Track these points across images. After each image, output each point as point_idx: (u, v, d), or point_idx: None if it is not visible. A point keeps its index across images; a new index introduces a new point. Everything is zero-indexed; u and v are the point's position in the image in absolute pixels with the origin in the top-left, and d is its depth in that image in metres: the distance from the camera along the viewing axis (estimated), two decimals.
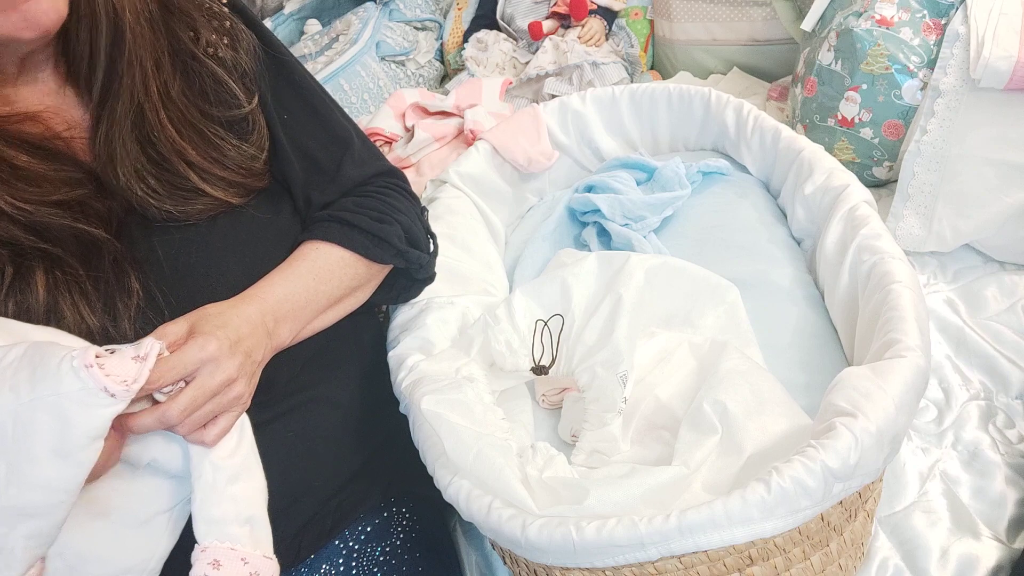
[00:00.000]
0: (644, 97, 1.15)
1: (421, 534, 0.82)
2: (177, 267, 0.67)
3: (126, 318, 0.64)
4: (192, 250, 0.68)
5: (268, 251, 0.73)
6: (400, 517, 0.82)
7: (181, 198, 0.67)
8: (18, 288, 0.60)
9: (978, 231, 1.12)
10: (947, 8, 1.15)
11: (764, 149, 1.04)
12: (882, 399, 0.61)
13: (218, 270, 0.68)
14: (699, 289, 0.84)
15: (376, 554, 0.78)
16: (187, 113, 0.69)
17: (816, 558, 0.66)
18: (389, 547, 0.79)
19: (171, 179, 0.67)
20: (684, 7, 1.63)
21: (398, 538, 0.80)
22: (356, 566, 0.77)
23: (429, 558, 0.81)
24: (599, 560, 0.59)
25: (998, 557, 0.80)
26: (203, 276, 0.68)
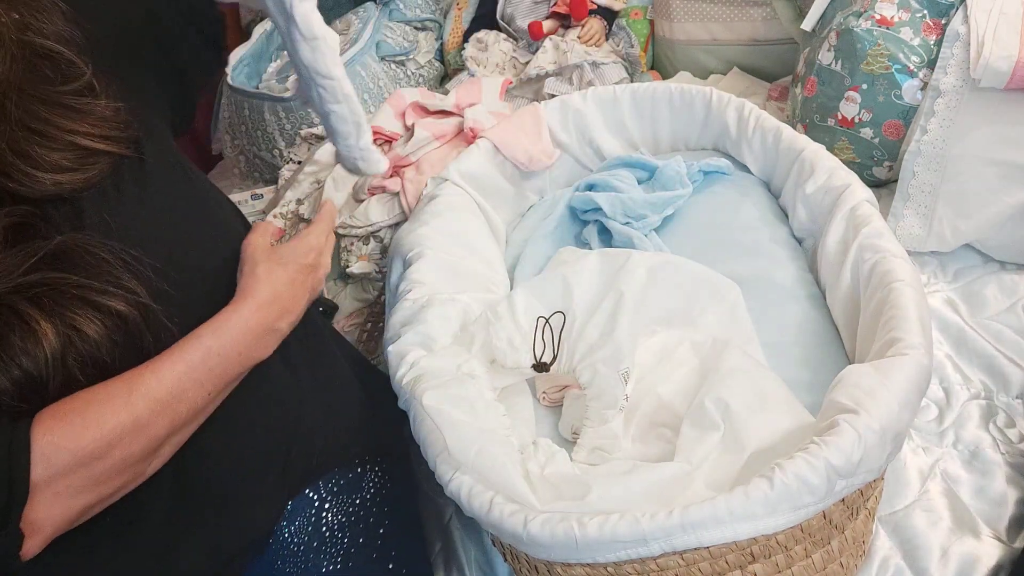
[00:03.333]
0: (645, 96, 1.15)
1: (390, 493, 0.84)
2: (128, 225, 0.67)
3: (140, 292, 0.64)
4: (120, 209, 0.67)
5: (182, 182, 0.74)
6: (372, 475, 0.84)
7: (83, 167, 0.66)
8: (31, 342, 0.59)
9: (978, 231, 1.12)
10: (947, 8, 1.16)
11: (765, 148, 1.04)
12: (885, 396, 0.61)
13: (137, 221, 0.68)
14: (700, 287, 0.84)
15: (346, 507, 0.80)
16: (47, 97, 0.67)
17: (818, 556, 0.66)
18: (359, 500, 0.82)
19: (67, 155, 0.66)
20: (684, 7, 1.63)
21: (368, 493, 0.83)
22: (326, 517, 0.79)
23: (394, 518, 0.83)
24: (601, 556, 0.59)
25: (999, 556, 0.80)
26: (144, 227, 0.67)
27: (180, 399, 0.62)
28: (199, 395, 0.63)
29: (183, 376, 0.62)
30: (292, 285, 0.71)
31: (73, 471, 0.57)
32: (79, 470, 0.57)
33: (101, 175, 0.67)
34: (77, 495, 0.57)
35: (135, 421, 0.59)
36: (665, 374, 0.77)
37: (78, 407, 0.58)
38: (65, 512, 0.57)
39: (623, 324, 0.78)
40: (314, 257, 0.75)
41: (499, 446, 0.68)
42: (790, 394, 0.72)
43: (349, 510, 0.80)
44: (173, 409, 0.62)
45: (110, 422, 0.58)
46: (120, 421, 0.58)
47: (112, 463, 0.58)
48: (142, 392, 0.60)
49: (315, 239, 0.76)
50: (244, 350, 0.66)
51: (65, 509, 0.57)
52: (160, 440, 0.61)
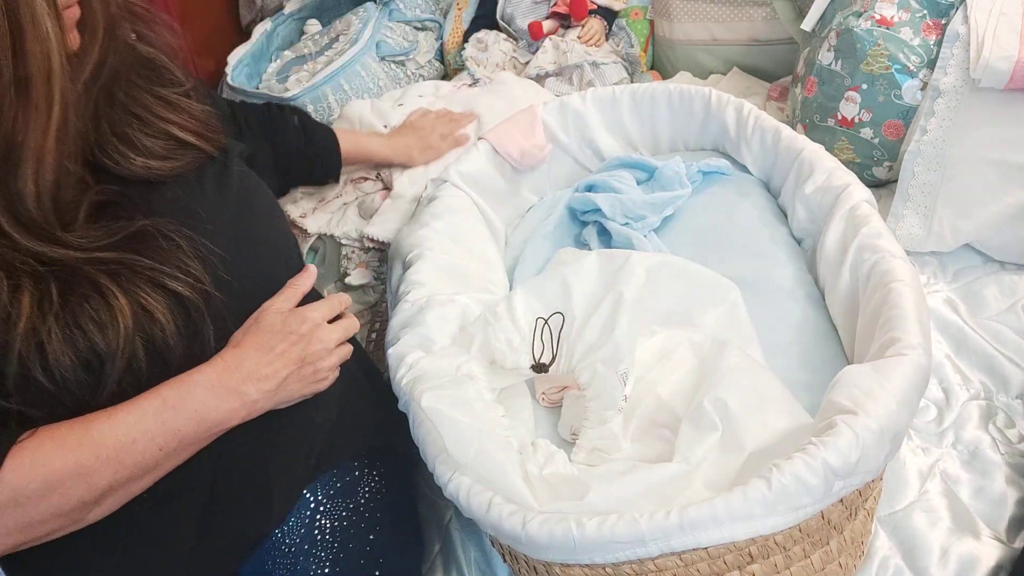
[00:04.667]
0: (644, 97, 1.15)
1: (384, 499, 0.84)
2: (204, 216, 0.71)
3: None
4: (200, 201, 0.72)
5: (255, 189, 0.80)
6: (369, 479, 0.84)
7: (174, 156, 0.72)
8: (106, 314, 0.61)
9: (978, 231, 1.12)
10: (947, 8, 1.15)
11: (764, 149, 1.04)
12: (883, 397, 0.61)
13: (214, 214, 0.72)
14: (700, 288, 0.84)
15: (339, 510, 0.80)
16: (150, 89, 0.74)
17: (816, 556, 0.66)
18: (353, 504, 0.81)
19: (160, 142, 0.72)
20: (684, 7, 1.63)
21: (363, 498, 0.83)
22: (319, 520, 0.79)
23: (386, 524, 0.83)
24: (599, 556, 0.59)
25: (998, 557, 0.80)
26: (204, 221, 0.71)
27: (128, 450, 0.61)
28: (149, 448, 0.63)
29: (133, 426, 0.62)
30: (267, 351, 0.69)
31: (7, 511, 0.57)
32: (13, 511, 0.57)
33: (188, 167, 0.73)
34: (5, 537, 0.58)
35: (78, 467, 0.59)
36: (664, 374, 0.77)
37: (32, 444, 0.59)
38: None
39: (622, 324, 0.78)
40: (308, 328, 0.72)
41: (498, 447, 0.68)
42: (789, 394, 0.72)
43: (343, 514, 0.81)
44: (119, 459, 0.61)
45: (55, 464, 0.58)
46: (64, 465, 0.59)
47: (48, 507, 0.59)
48: (91, 437, 0.60)
49: (315, 313, 0.74)
50: (200, 407, 0.65)
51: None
52: (101, 491, 0.61)
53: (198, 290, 0.66)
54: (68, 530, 0.62)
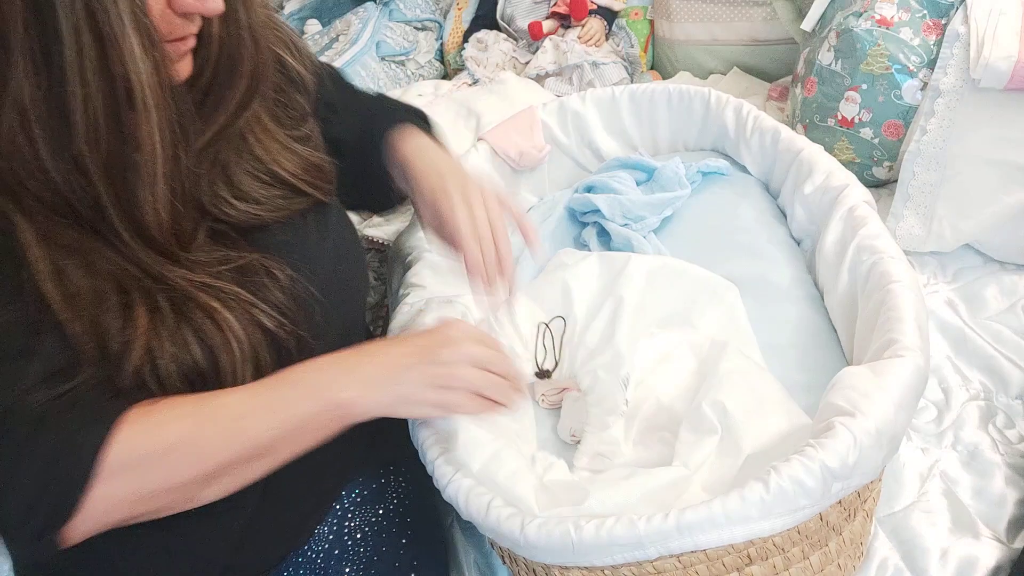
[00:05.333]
0: (644, 97, 1.15)
1: (413, 504, 0.84)
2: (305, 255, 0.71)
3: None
4: (303, 240, 0.72)
5: (349, 236, 0.79)
6: (396, 485, 0.84)
7: (285, 204, 0.71)
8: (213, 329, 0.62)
9: (978, 231, 1.12)
10: (947, 8, 1.15)
11: (764, 149, 1.04)
12: (881, 399, 0.61)
13: (313, 257, 0.72)
14: (699, 289, 0.84)
15: (368, 516, 0.80)
16: (276, 134, 0.72)
17: (815, 558, 0.66)
18: (383, 510, 0.81)
19: (276, 192, 0.71)
20: (684, 7, 1.63)
21: (391, 504, 0.82)
22: (349, 526, 0.79)
23: (417, 528, 0.82)
24: (598, 559, 0.59)
25: (998, 557, 0.80)
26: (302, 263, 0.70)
27: (243, 423, 0.60)
28: (265, 423, 0.60)
29: (250, 399, 0.61)
30: (401, 343, 0.67)
31: (121, 476, 0.56)
32: (127, 476, 0.56)
33: (294, 213, 0.72)
34: (118, 508, 0.57)
35: (192, 434, 0.58)
36: (664, 377, 0.77)
37: (148, 409, 0.58)
38: (100, 523, 0.57)
39: (623, 329, 0.78)
40: (455, 334, 0.67)
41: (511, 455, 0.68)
42: (787, 396, 0.72)
43: (372, 520, 0.80)
44: (233, 432, 0.59)
45: (169, 428, 0.57)
46: (178, 430, 0.58)
47: (161, 476, 0.57)
48: (208, 406, 0.59)
49: (455, 331, 0.68)
50: (317, 383, 0.63)
51: (102, 521, 0.57)
52: (215, 465, 0.59)
53: (290, 331, 0.66)
54: (179, 508, 0.60)
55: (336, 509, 0.80)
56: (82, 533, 0.56)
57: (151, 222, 0.59)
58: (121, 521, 0.58)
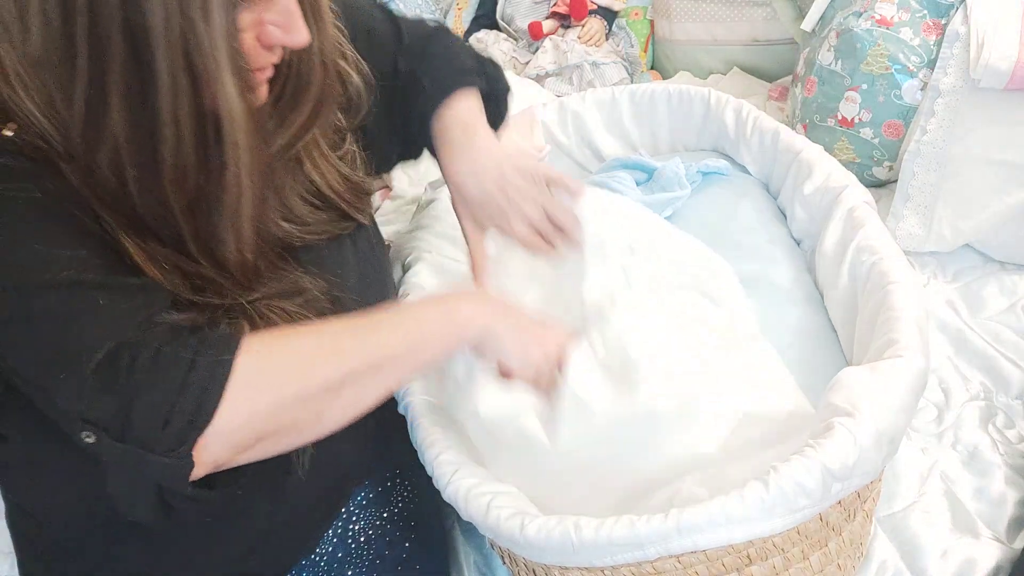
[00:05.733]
0: (644, 98, 1.15)
1: (418, 509, 0.83)
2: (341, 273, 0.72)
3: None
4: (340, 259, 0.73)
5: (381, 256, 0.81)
6: (402, 489, 0.84)
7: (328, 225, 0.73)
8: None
9: (978, 231, 1.12)
10: (947, 8, 1.15)
11: (763, 149, 1.04)
12: (881, 399, 0.61)
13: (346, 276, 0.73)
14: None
15: (373, 520, 0.80)
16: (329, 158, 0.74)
17: (815, 558, 0.66)
18: (387, 514, 0.81)
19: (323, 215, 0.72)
20: (684, 7, 1.63)
21: (396, 507, 0.82)
22: (353, 529, 0.79)
23: (420, 533, 0.83)
24: (597, 559, 0.59)
25: (998, 557, 0.80)
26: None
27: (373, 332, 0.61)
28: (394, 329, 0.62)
29: (374, 315, 0.62)
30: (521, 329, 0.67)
31: (261, 389, 0.56)
32: (266, 388, 0.56)
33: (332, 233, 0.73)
34: (252, 420, 0.56)
35: (325, 345, 0.59)
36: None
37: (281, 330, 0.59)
38: (235, 439, 0.55)
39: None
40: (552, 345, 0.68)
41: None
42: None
43: (377, 523, 0.80)
44: (364, 340, 0.60)
45: (305, 342, 0.58)
46: (313, 343, 0.58)
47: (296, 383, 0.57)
48: (337, 325, 0.61)
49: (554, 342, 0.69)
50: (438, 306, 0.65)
51: (237, 436, 0.55)
52: (346, 374, 0.59)
53: None
54: (307, 431, 0.60)
55: (342, 512, 0.80)
56: (216, 455, 0.54)
57: (232, 260, 0.60)
58: (254, 439, 0.56)
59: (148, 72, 0.51)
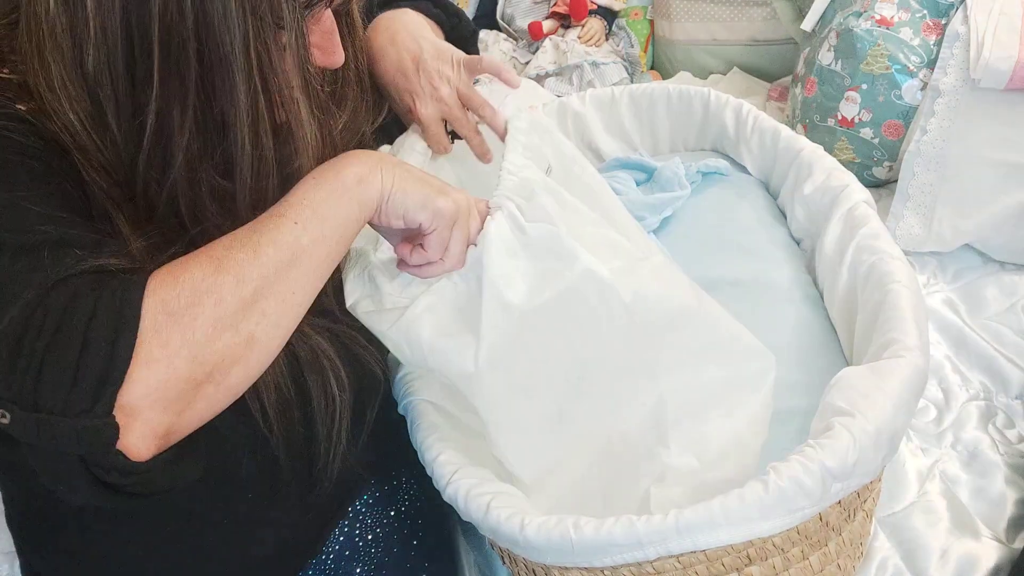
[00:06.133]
0: (644, 97, 1.15)
1: (424, 507, 0.83)
2: None
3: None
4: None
5: None
6: (408, 488, 0.84)
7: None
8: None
9: (978, 231, 1.12)
10: (947, 8, 1.15)
11: (763, 149, 1.04)
12: (880, 399, 0.61)
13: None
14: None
15: (380, 518, 0.80)
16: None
17: (815, 558, 0.66)
18: (394, 512, 0.81)
19: None
20: (684, 7, 1.63)
21: (403, 506, 0.82)
22: (359, 528, 0.79)
23: (428, 531, 0.82)
24: (597, 559, 0.59)
25: (998, 557, 0.80)
26: None
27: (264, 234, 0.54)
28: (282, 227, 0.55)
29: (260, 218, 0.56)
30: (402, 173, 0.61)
31: (175, 327, 0.50)
32: (180, 324, 0.50)
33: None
34: (175, 365, 0.50)
35: (223, 263, 0.53)
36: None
37: (177, 263, 0.53)
38: (161, 389, 0.49)
39: None
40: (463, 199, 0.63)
41: None
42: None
43: (384, 521, 0.80)
44: (258, 246, 0.54)
45: (201, 267, 0.52)
46: (210, 265, 0.52)
47: (209, 312, 0.51)
48: (227, 239, 0.55)
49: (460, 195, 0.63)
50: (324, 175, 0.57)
51: (164, 386, 0.49)
52: (255, 287, 0.53)
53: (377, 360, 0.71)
54: (239, 362, 0.53)
55: (348, 512, 0.80)
56: (151, 418, 0.49)
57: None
58: (189, 388, 0.51)
59: (227, 97, 0.52)
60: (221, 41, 0.51)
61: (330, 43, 0.59)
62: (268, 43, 0.52)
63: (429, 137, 0.78)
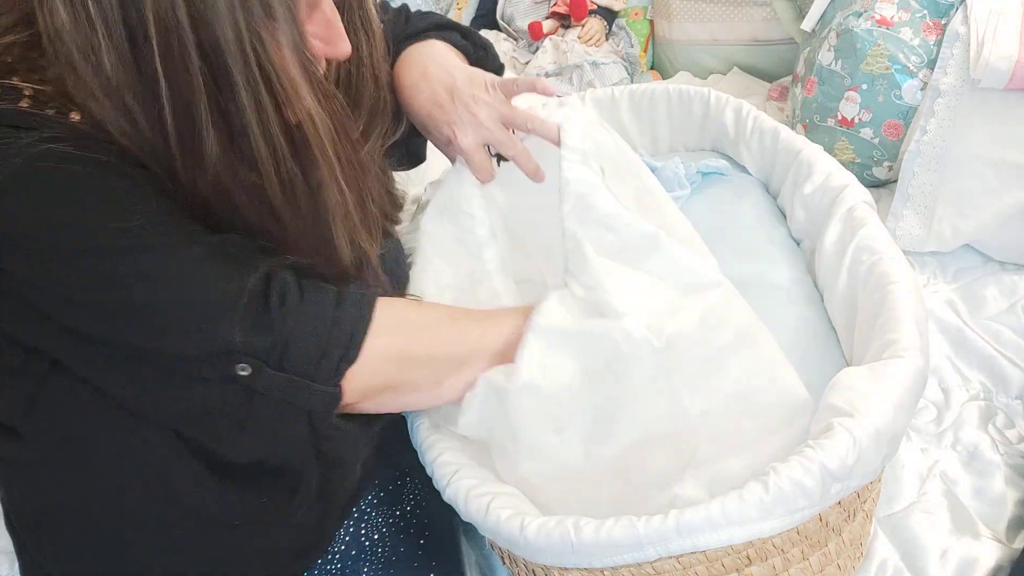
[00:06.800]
0: (643, 98, 1.15)
1: (430, 505, 0.83)
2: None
3: None
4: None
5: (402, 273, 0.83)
6: (412, 487, 0.84)
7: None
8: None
9: (978, 231, 1.12)
10: (947, 8, 1.15)
11: (763, 149, 1.04)
12: (880, 400, 0.61)
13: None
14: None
15: (386, 517, 0.80)
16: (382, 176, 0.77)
17: (815, 558, 0.66)
18: (399, 511, 0.81)
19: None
20: (684, 7, 1.63)
21: (409, 505, 0.82)
22: (365, 528, 0.79)
23: (435, 529, 0.82)
24: (597, 560, 0.60)
25: (998, 557, 0.80)
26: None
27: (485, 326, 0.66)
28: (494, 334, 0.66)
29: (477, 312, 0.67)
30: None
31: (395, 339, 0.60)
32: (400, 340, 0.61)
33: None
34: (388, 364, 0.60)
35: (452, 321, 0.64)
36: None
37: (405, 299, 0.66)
38: (374, 377, 0.60)
39: None
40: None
41: None
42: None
43: (389, 520, 0.80)
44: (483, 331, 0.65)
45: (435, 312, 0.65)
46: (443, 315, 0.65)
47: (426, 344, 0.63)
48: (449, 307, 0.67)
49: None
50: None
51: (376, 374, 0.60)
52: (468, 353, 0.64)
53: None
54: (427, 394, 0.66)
55: (352, 512, 0.80)
56: (352, 392, 0.59)
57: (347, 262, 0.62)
58: (383, 386, 0.61)
59: (230, 91, 0.51)
60: (214, 33, 0.50)
61: (332, 32, 0.58)
62: (261, 34, 0.51)
63: (474, 166, 0.76)
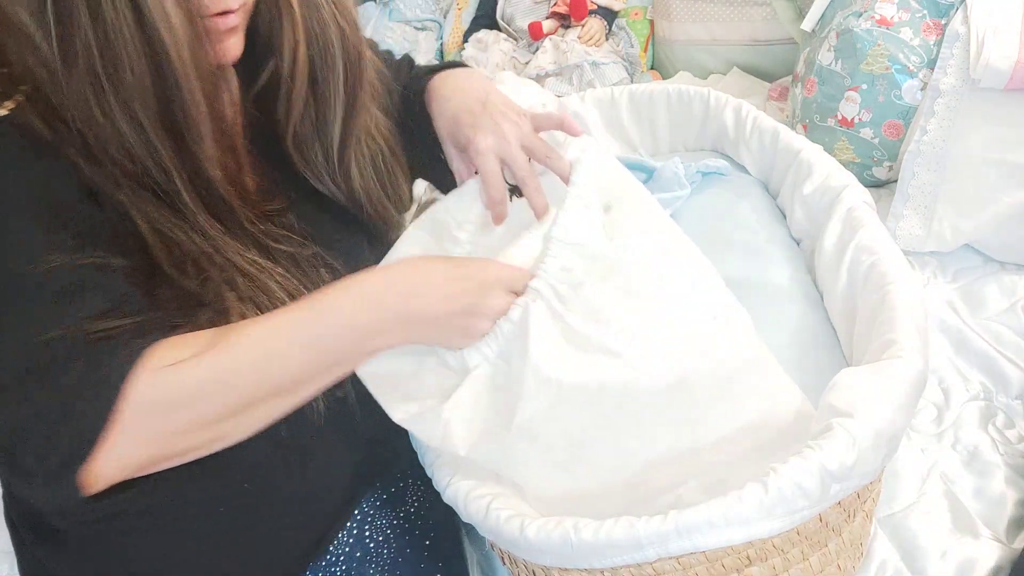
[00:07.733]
0: (643, 98, 1.15)
1: (434, 506, 0.83)
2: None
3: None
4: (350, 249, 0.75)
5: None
6: (415, 488, 0.84)
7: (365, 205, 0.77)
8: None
9: (978, 231, 1.12)
10: (947, 8, 1.15)
11: (763, 149, 1.04)
12: (879, 400, 0.61)
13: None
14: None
15: (390, 519, 0.80)
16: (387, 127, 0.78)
17: (815, 558, 0.66)
18: (403, 513, 0.81)
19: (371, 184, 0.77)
20: (684, 7, 1.63)
21: (412, 506, 0.82)
22: (369, 530, 0.79)
23: (440, 529, 0.82)
24: (597, 561, 0.60)
25: (998, 557, 0.80)
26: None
27: (270, 363, 0.56)
28: (291, 363, 0.57)
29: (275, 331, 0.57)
30: (440, 285, 0.62)
31: (151, 420, 0.52)
32: (158, 419, 0.52)
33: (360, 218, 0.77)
34: (142, 448, 0.53)
35: (221, 375, 0.54)
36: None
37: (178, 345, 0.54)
38: (124, 465, 0.52)
39: None
40: (488, 278, 0.64)
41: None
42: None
43: (394, 522, 0.80)
44: (262, 371, 0.55)
45: (200, 371, 0.53)
46: (209, 373, 0.53)
47: (190, 415, 0.53)
48: (235, 348, 0.55)
49: (501, 271, 0.66)
50: (350, 319, 0.59)
51: (126, 462, 0.52)
52: (245, 403, 0.55)
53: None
54: (207, 449, 0.56)
55: (355, 514, 0.79)
56: (105, 477, 0.51)
57: (215, 177, 0.60)
58: (148, 463, 0.54)
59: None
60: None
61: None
62: None
63: (484, 172, 0.72)
